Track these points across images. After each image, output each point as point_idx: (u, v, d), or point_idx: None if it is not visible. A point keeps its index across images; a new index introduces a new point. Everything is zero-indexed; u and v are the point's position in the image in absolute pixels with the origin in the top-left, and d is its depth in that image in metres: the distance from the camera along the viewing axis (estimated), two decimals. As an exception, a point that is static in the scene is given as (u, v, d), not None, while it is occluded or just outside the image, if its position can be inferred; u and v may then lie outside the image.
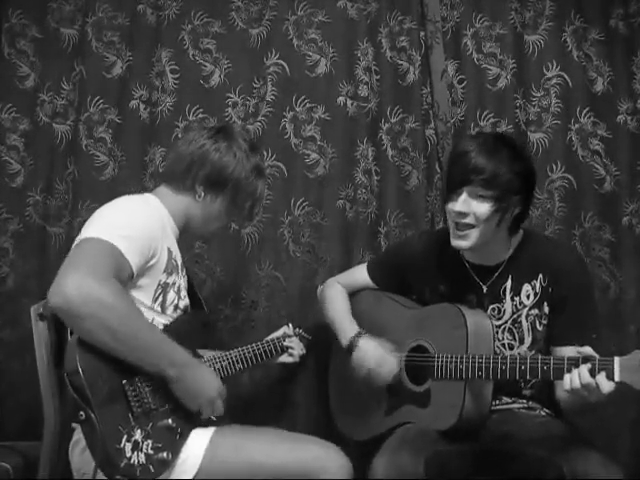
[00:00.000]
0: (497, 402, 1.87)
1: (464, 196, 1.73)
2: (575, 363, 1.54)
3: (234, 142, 1.82)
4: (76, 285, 1.44)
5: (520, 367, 1.64)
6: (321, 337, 2.20)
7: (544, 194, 2.40)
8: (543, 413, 1.90)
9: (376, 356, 1.89)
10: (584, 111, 2.41)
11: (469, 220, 1.74)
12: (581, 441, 1.72)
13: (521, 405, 1.90)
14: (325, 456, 1.66)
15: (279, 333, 2.12)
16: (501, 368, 1.67)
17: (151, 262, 1.64)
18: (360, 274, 2.12)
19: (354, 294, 2.12)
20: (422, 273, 1.97)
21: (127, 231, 1.58)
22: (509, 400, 1.90)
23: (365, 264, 2.14)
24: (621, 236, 2.38)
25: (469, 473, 1.77)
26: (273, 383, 2.36)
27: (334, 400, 2.15)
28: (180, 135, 2.40)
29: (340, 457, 1.68)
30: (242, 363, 1.92)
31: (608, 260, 2.39)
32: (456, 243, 1.79)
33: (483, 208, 1.72)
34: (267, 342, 2.04)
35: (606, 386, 1.48)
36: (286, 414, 2.36)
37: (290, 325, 2.17)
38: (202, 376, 1.64)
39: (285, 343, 2.08)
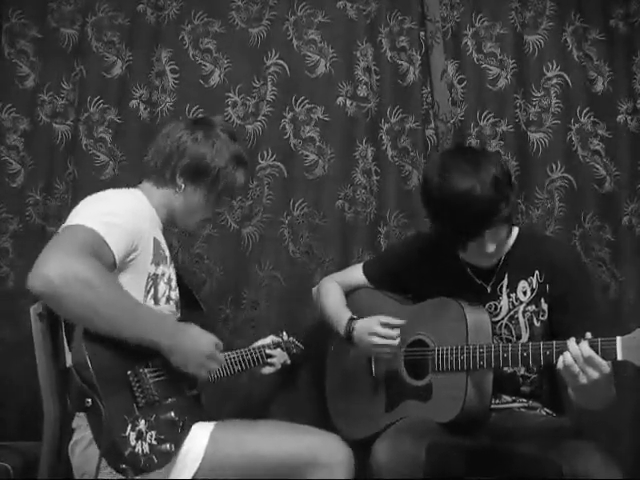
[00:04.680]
0: (497, 401, 1.87)
1: (488, 236, 1.70)
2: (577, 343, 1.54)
3: (212, 132, 1.81)
4: (54, 266, 1.42)
5: (522, 354, 1.65)
6: (319, 336, 2.20)
7: (544, 194, 2.40)
8: (544, 412, 1.90)
9: (375, 321, 1.88)
10: (584, 111, 2.41)
11: (496, 247, 1.75)
12: (581, 440, 1.72)
13: (521, 404, 1.89)
14: (327, 444, 1.67)
15: (267, 341, 2.11)
16: (503, 356, 1.68)
17: (136, 253, 1.63)
18: (356, 273, 2.12)
19: (350, 292, 2.12)
20: (420, 276, 1.97)
21: (110, 218, 1.57)
22: (509, 399, 1.90)
23: (361, 264, 2.13)
24: (621, 236, 2.38)
25: (468, 472, 1.77)
26: (271, 384, 2.36)
27: (331, 401, 2.14)
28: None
29: (341, 446, 1.69)
30: (226, 370, 1.90)
31: (608, 260, 2.39)
32: (485, 263, 1.82)
33: (503, 232, 1.74)
34: (252, 350, 2.03)
35: (605, 362, 1.49)
36: (284, 415, 2.35)
37: (284, 333, 2.17)
38: (192, 335, 1.62)
39: (267, 351, 2.06)
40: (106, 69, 2.47)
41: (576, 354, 1.51)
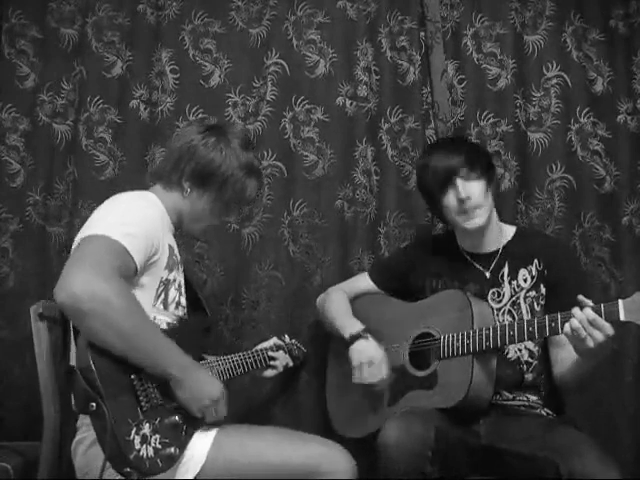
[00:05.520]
0: (497, 396, 1.89)
1: (460, 182, 1.89)
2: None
3: (223, 138, 1.80)
4: (82, 282, 1.44)
5: (528, 329, 1.72)
6: (320, 337, 2.20)
7: (544, 194, 2.40)
8: (543, 412, 1.91)
9: (379, 353, 1.93)
10: (584, 111, 2.41)
11: (474, 202, 1.89)
12: (579, 439, 1.72)
13: (521, 403, 1.91)
14: (330, 454, 1.67)
15: (269, 343, 2.11)
16: (509, 334, 1.74)
17: (153, 259, 1.65)
18: (362, 280, 2.17)
19: (355, 299, 2.15)
20: (425, 272, 2.05)
21: (131, 228, 1.58)
22: (509, 396, 1.91)
23: (366, 272, 2.19)
24: (621, 236, 2.38)
25: (467, 471, 1.78)
26: (273, 387, 2.35)
27: (331, 401, 2.14)
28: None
29: (344, 456, 1.69)
30: (228, 373, 1.89)
31: (608, 260, 2.38)
32: (470, 223, 1.91)
33: (479, 186, 1.90)
34: (254, 352, 2.03)
35: (609, 325, 1.58)
36: (286, 418, 2.35)
37: (286, 336, 2.17)
38: (203, 378, 1.64)
39: (270, 354, 2.06)
40: (106, 69, 2.46)
41: (581, 318, 1.60)
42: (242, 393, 2.29)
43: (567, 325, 1.62)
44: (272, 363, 2.06)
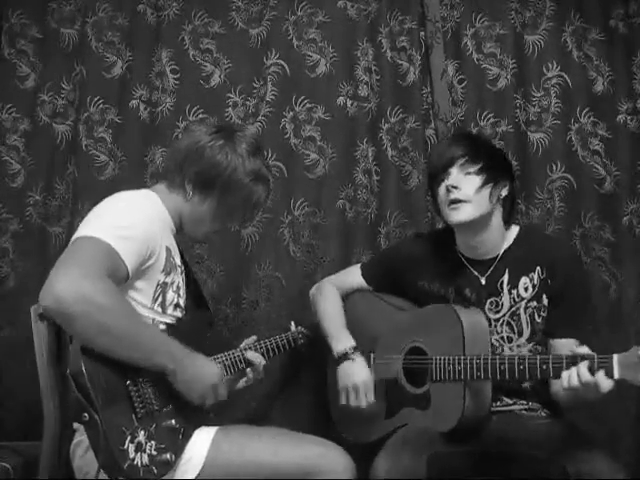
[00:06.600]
0: (498, 403, 1.87)
1: (455, 173, 1.81)
2: (573, 362, 1.54)
3: (230, 142, 1.75)
4: (67, 284, 1.40)
5: (519, 367, 1.64)
6: (320, 337, 2.20)
7: (544, 194, 2.40)
8: (544, 414, 1.90)
9: (367, 377, 1.90)
10: (584, 111, 2.41)
11: (461, 194, 1.80)
12: (583, 441, 1.72)
13: (521, 406, 1.90)
14: (328, 455, 1.66)
15: (249, 341, 2.00)
16: (500, 368, 1.67)
17: (149, 262, 1.61)
18: (354, 276, 2.12)
19: (347, 297, 2.11)
20: (418, 271, 1.97)
21: (126, 231, 1.54)
22: (509, 401, 1.90)
23: (358, 266, 2.13)
24: (621, 236, 2.38)
25: (470, 475, 1.77)
26: (273, 385, 2.35)
27: (334, 405, 2.12)
28: (180, 134, 2.40)
29: (343, 456, 1.68)
30: (227, 370, 1.84)
31: (608, 260, 2.38)
32: (451, 215, 1.82)
33: (473, 181, 1.80)
34: (232, 354, 1.90)
35: (605, 384, 1.49)
36: (286, 417, 2.35)
37: (292, 323, 2.15)
38: (201, 365, 1.62)
39: (247, 357, 1.90)
40: (106, 69, 2.47)
41: (573, 377, 1.52)
42: (242, 393, 2.28)
43: (565, 376, 1.53)
44: (248, 370, 1.92)
